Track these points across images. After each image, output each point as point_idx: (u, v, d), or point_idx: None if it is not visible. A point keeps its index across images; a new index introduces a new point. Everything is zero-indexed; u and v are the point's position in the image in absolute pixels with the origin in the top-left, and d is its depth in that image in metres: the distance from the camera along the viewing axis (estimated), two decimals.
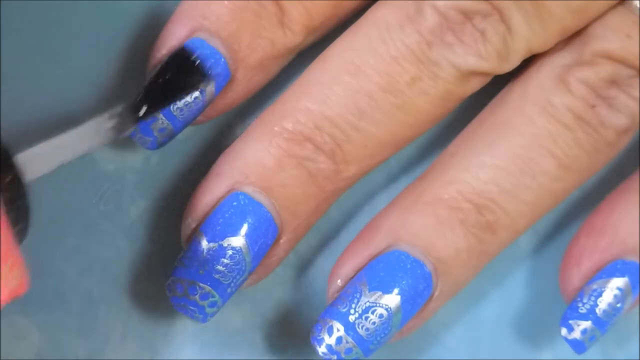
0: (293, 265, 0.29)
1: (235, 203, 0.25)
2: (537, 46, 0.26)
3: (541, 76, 0.26)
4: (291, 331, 0.28)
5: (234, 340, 0.28)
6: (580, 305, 0.26)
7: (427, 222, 0.25)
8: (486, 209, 0.25)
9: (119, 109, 0.25)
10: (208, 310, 0.25)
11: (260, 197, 0.25)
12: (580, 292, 0.26)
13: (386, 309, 0.25)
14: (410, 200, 0.26)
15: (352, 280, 0.26)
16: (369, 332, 0.25)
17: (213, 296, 0.25)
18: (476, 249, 0.26)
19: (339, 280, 0.26)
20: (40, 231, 0.28)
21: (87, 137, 0.24)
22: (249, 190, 0.25)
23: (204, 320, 0.26)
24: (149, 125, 0.26)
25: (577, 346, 0.26)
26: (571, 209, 0.29)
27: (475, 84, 0.26)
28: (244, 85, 0.27)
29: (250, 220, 0.25)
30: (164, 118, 0.26)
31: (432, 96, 0.25)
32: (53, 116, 0.28)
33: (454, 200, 0.25)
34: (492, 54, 0.25)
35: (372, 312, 0.25)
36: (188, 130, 0.29)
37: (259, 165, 0.25)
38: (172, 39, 0.26)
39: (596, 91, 0.25)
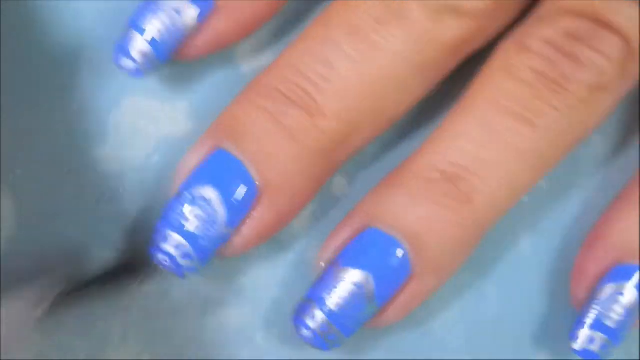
0: (293, 265, 0.29)
1: (210, 158, 0.26)
2: None
3: (505, 43, 0.26)
4: (291, 331, 0.28)
5: (234, 340, 0.28)
6: (585, 315, 0.26)
7: (398, 196, 0.25)
8: (456, 177, 0.25)
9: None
10: (181, 261, 0.25)
11: (234, 151, 0.25)
12: (585, 303, 0.26)
13: (355, 284, 0.25)
14: (385, 181, 0.26)
15: (331, 261, 0.26)
16: (340, 307, 0.25)
17: (185, 246, 0.25)
18: (452, 219, 0.25)
19: (322, 263, 0.26)
20: (40, 231, 0.28)
21: None
22: (226, 145, 0.25)
23: (179, 272, 0.26)
24: (127, 45, 0.26)
25: (588, 356, 0.26)
26: (571, 210, 0.29)
27: (453, 25, 0.25)
28: (229, 16, 0.26)
29: (221, 171, 0.25)
30: (141, 38, 0.26)
31: (402, 38, 0.25)
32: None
33: (422, 171, 0.25)
34: None
35: (341, 287, 0.25)
36: (188, 129, 0.29)
37: (233, 120, 0.26)
38: None
39: (556, 46, 0.25)
